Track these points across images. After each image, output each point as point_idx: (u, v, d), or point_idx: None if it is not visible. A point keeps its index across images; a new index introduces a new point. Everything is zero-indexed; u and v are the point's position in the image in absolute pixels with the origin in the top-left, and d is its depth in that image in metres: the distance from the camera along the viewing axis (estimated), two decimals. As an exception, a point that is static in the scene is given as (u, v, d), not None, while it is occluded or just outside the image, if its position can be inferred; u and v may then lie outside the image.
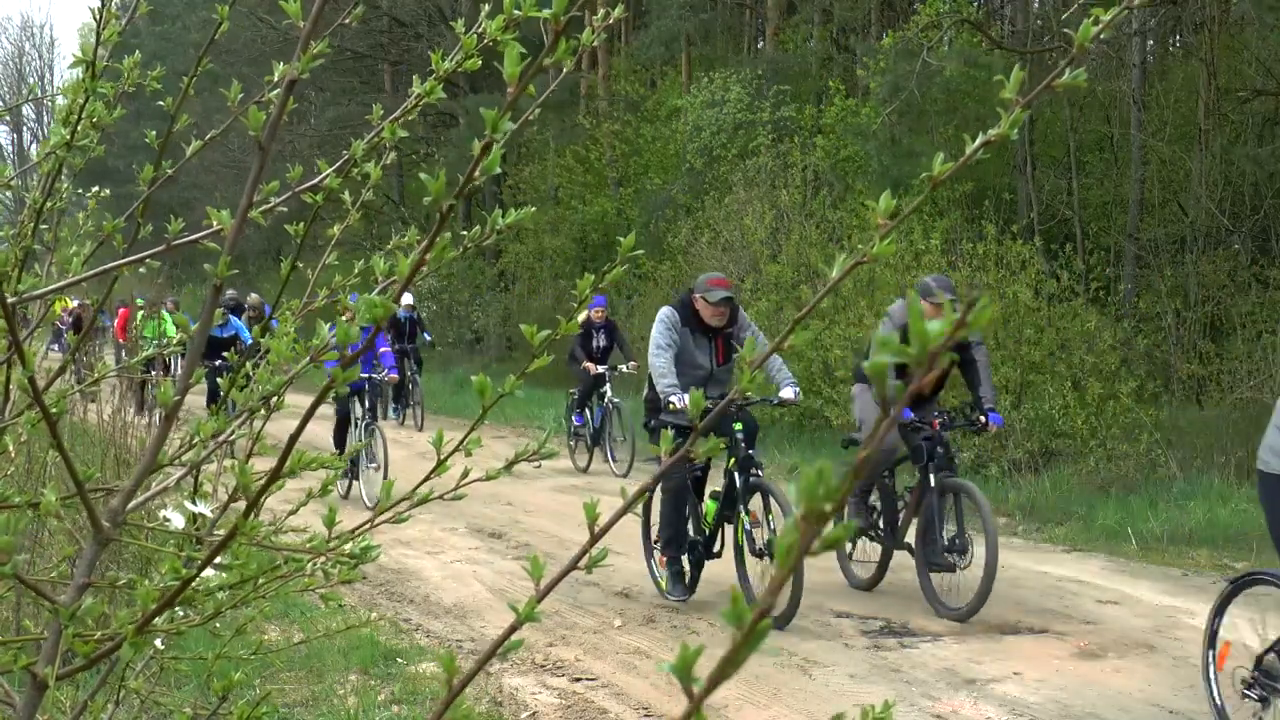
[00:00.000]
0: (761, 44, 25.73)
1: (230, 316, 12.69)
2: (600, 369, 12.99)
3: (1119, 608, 7.21)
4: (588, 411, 13.39)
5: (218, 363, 12.42)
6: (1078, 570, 8.11)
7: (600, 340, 13.31)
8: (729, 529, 7.12)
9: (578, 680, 5.92)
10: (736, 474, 6.87)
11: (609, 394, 12.99)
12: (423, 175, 0.86)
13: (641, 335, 20.06)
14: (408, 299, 17.26)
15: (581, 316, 11.43)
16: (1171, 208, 16.83)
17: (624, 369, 12.92)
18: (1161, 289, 15.37)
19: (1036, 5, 20.43)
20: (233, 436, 1.23)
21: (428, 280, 24.24)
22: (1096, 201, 18.13)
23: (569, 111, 25.82)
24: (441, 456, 1.24)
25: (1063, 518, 10.00)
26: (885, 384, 0.59)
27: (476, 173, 0.82)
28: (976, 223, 14.45)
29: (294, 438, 1.00)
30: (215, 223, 1.08)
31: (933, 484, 6.97)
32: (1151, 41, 18.87)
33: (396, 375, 11.02)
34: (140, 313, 15.75)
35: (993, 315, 0.58)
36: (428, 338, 18.54)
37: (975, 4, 18.96)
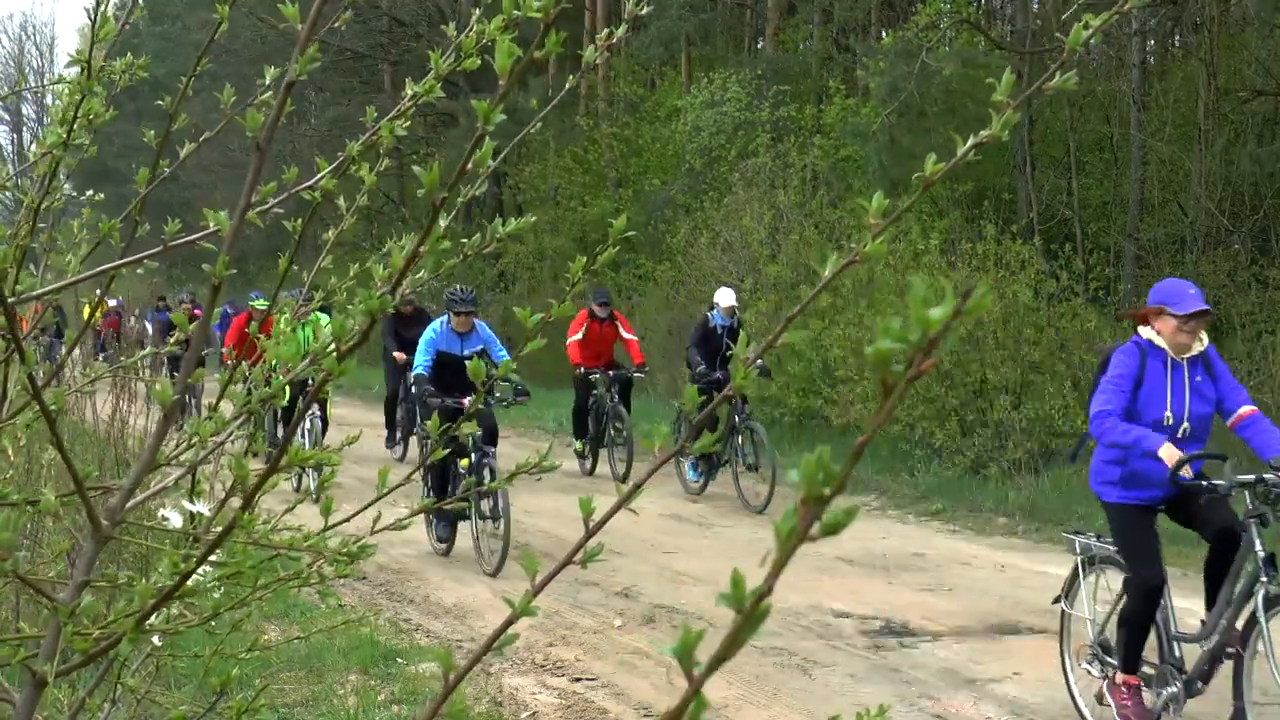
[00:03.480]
0: (761, 44, 25.71)
1: (476, 323, 8.99)
2: None
3: (1119, 607, 7.20)
4: None
5: (466, 400, 8.36)
6: (1077, 570, 8.11)
7: None
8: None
9: (578, 680, 5.93)
10: None
11: None
12: (416, 168, 0.86)
13: (643, 335, 20.07)
14: (728, 298, 11.35)
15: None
16: (1171, 208, 16.83)
17: None
18: (1161, 289, 15.33)
19: (1036, 5, 20.42)
20: (232, 438, 1.23)
21: (428, 281, 24.23)
22: (1096, 201, 18.13)
23: (569, 112, 25.83)
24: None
25: (1063, 518, 9.99)
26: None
27: (470, 164, 0.82)
28: (976, 222, 14.45)
29: (289, 436, 1.01)
30: (212, 224, 1.09)
31: None
32: (1151, 41, 18.87)
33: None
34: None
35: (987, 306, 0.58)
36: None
37: (975, 4, 18.96)
